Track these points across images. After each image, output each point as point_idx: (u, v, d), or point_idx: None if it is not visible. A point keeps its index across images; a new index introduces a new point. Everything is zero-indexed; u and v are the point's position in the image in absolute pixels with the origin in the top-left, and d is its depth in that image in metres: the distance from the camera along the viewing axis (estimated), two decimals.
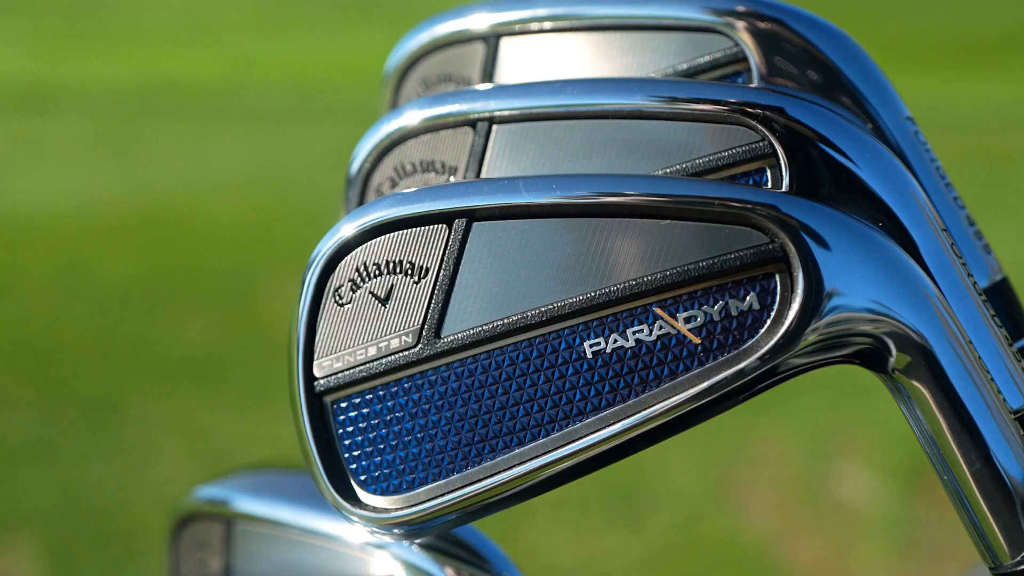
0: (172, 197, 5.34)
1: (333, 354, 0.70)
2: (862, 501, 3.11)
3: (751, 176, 0.68)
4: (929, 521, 3.04)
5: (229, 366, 3.82)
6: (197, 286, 4.42)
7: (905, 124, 0.74)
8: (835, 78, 0.74)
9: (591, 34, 0.78)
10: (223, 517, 0.85)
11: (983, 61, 7.95)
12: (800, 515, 3.08)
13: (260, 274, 4.46)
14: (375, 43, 8.46)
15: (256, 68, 7.86)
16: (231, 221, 5.05)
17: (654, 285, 0.65)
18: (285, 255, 4.65)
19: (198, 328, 4.06)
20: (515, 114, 0.72)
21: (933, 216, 0.68)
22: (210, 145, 6.13)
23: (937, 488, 2.70)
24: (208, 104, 6.95)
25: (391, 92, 0.85)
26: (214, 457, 3.31)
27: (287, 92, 7.20)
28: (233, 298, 4.29)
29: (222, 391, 3.66)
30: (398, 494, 0.69)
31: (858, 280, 0.63)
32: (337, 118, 6.55)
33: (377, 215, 0.68)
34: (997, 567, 0.65)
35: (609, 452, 0.66)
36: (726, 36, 0.75)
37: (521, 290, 0.66)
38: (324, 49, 8.35)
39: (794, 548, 2.97)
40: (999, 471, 0.64)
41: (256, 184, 5.52)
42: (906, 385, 0.64)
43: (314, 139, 6.17)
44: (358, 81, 7.31)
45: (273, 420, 3.48)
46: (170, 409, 3.56)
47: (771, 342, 0.63)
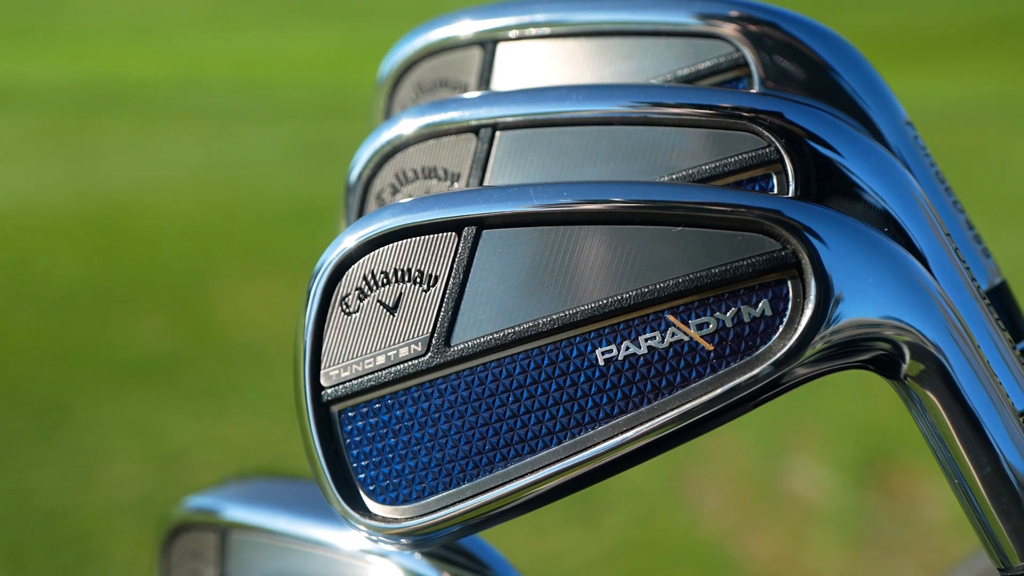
0: (120, 196, 5.29)
1: (340, 363, 0.69)
2: (815, 494, 3.13)
3: (757, 182, 0.69)
4: (881, 513, 3.07)
5: (181, 367, 3.78)
6: (147, 286, 4.38)
7: (905, 129, 0.74)
8: (835, 83, 0.74)
9: (589, 40, 0.78)
10: (218, 527, 0.84)
11: (926, 59, 8.03)
12: (754, 509, 3.10)
13: (211, 274, 4.42)
14: (322, 41, 8.44)
15: (203, 66, 7.80)
16: (181, 220, 5.01)
17: (666, 292, 0.65)
18: (236, 255, 4.62)
19: (149, 329, 4.02)
20: (520, 120, 0.71)
21: (936, 221, 0.68)
22: (158, 144, 6.07)
23: (889, 480, 2.73)
24: (155, 102, 6.88)
25: (385, 97, 0.85)
26: (167, 459, 3.28)
27: (235, 90, 7.15)
28: (184, 298, 4.25)
29: (174, 392, 3.63)
30: (408, 503, 0.68)
31: (870, 286, 0.63)
32: (286, 116, 6.52)
33: (386, 223, 0.68)
34: (1007, 568, 0.65)
35: (621, 459, 0.66)
36: (726, 42, 0.75)
37: (532, 298, 0.66)
38: (271, 47, 8.30)
39: (749, 542, 2.99)
40: (1009, 475, 0.64)
41: (206, 183, 5.47)
42: (917, 391, 0.65)
43: (264, 137, 6.13)
44: (306, 79, 7.28)
45: (226, 421, 3.46)
46: (121, 411, 3.53)
47: (784, 348, 0.63)
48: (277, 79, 7.40)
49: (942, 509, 3.05)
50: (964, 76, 7.45)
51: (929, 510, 3.06)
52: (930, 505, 3.07)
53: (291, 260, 4.62)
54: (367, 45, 8.24)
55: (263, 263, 4.57)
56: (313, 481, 0.89)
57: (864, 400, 3.43)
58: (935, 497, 3.09)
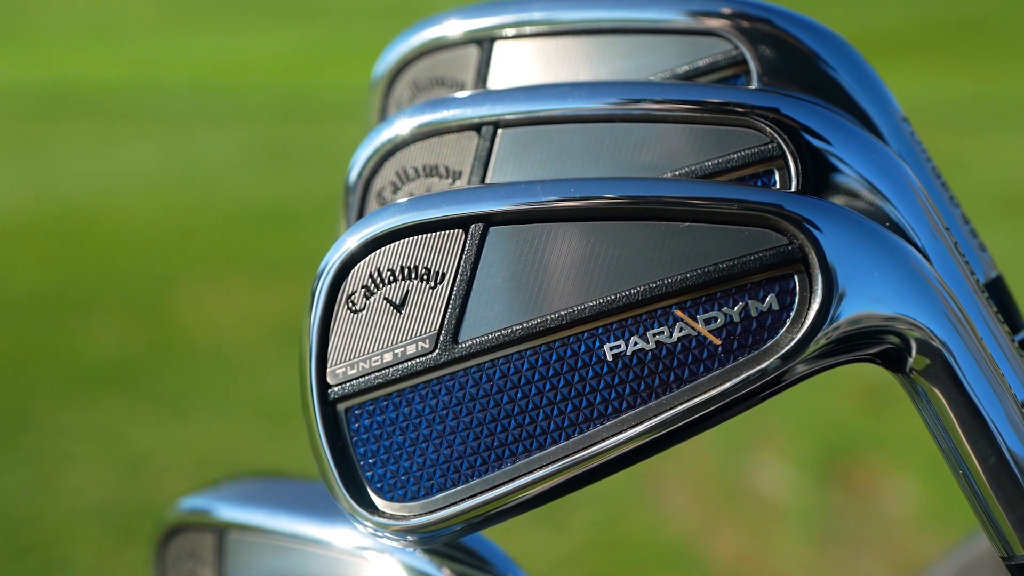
0: (80, 200, 5.25)
1: (347, 361, 0.69)
2: (779, 493, 3.15)
3: (759, 178, 0.69)
4: (844, 511, 3.09)
5: (143, 371, 3.76)
6: (109, 291, 4.35)
7: (901, 125, 0.75)
8: (832, 80, 0.75)
9: (587, 38, 0.78)
10: (215, 527, 0.84)
11: (881, 61, 8.08)
12: (719, 508, 3.11)
13: (173, 278, 4.39)
14: (280, 43, 8.40)
15: (161, 69, 7.75)
16: (142, 224, 4.97)
17: (674, 287, 0.65)
18: (198, 258, 4.59)
19: (111, 334, 3.99)
20: (522, 118, 0.72)
21: (936, 215, 0.69)
22: (117, 147, 6.03)
23: (851, 477, 2.75)
24: (113, 105, 6.83)
25: (380, 96, 0.85)
26: (130, 464, 3.25)
27: (194, 93, 7.10)
28: (146, 303, 4.23)
29: (137, 397, 3.61)
30: (416, 500, 0.68)
31: (876, 281, 0.64)
32: (246, 119, 6.48)
33: (392, 221, 0.68)
34: (1010, 558, 0.66)
35: (630, 454, 0.66)
36: (724, 39, 0.76)
37: (540, 294, 0.66)
38: (229, 49, 8.25)
39: (714, 541, 3.00)
40: (1012, 466, 0.65)
41: (166, 186, 5.44)
42: (923, 385, 0.65)
43: (223, 140, 6.10)
44: (265, 82, 7.25)
45: (190, 425, 3.44)
46: (84, 416, 3.50)
47: (792, 342, 0.64)
48: (236, 82, 7.36)
49: (904, 505, 3.08)
50: (918, 78, 7.51)
51: (891, 506, 3.09)
52: (892, 501, 3.10)
53: (253, 263, 4.60)
54: (324, 47, 8.22)
55: (225, 267, 4.55)
56: (310, 480, 0.89)
57: (826, 398, 3.46)
58: (896, 493, 3.12)
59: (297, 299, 4.25)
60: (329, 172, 5.70)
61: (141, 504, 3.07)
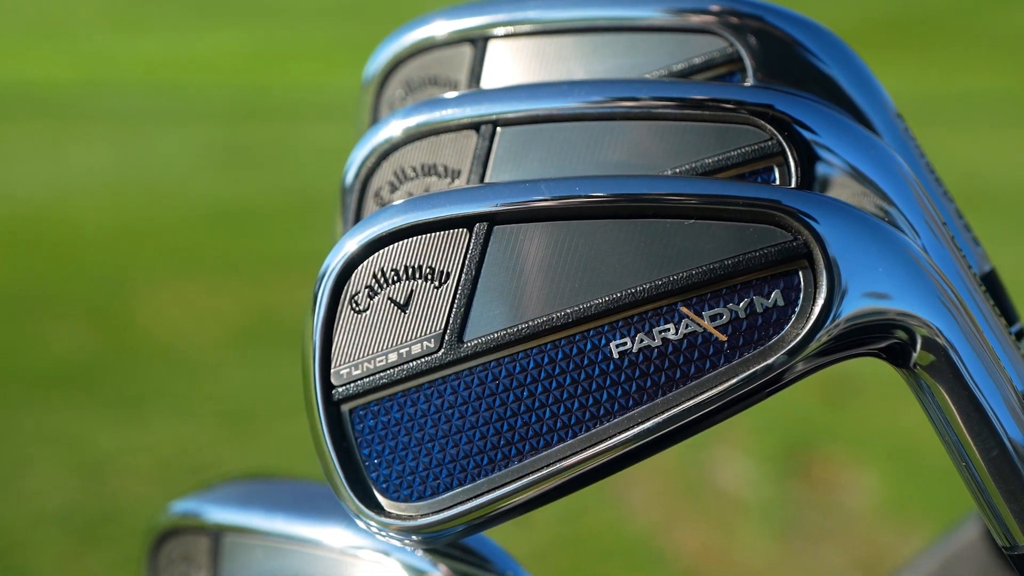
0: (34, 202, 5.19)
1: (351, 362, 0.69)
2: (740, 487, 3.17)
3: (759, 175, 0.70)
4: (805, 503, 3.11)
5: (101, 373, 3.73)
6: (65, 293, 4.30)
7: (895, 121, 0.76)
8: (826, 76, 0.75)
9: (581, 36, 0.79)
10: (210, 530, 0.83)
11: None
12: (682, 503, 3.13)
13: (130, 279, 4.36)
14: (233, 42, 8.35)
15: (114, 68, 7.67)
16: (97, 225, 4.93)
17: (679, 284, 0.65)
18: (155, 259, 4.56)
19: (68, 335, 3.95)
20: (521, 116, 0.72)
21: (933, 210, 0.70)
22: (71, 147, 5.97)
23: (811, 471, 2.77)
24: (65, 105, 6.76)
25: (372, 95, 0.84)
26: (90, 468, 3.23)
27: (147, 92, 7.05)
28: (103, 304, 4.19)
29: (96, 399, 3.58)
30: (422, 500, 0.68)
31: (880, 276, 0.64)
32: (200, 118, 6.44)
33: (397, 220, 0.67)
34: (1013, 548, 0.67)
35: (637, 451, 0.66)
36: (719, 36, 0.76)
37: (545, 292, 0.66)
38: (182, 48, 8.19)
39: (677, 536, 3.02)
40: (1014, 458, 0.66)
41: (121, 187, 5.39)
42: (926, 380, 0.66)
43: (178, 140, 6.05)
44: (219, 81, 7.20)
45: (149, 428, 3.41)
46: (42, 419, 3.47)
47: (797, 337, 0.64)
48: (190, 81, 7.31)
49: (863, 497, 3.10)
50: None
51: (850, 498, 3.11)
52: (851, 494, 3.13)
53: (211, 263, 4.57)
54: (280, 46, 8.18)
55: (182, 267, 4.52)
56: (302, 480, 0.88)
57: (785, 392, 3.48)
58: (856, 486, 3.15)
59: (256, 299, 4.23)
60: (287, 171, 5.68)
61: (102, 508, 3.05)
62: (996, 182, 5.28)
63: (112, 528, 2.96)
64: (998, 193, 4.99)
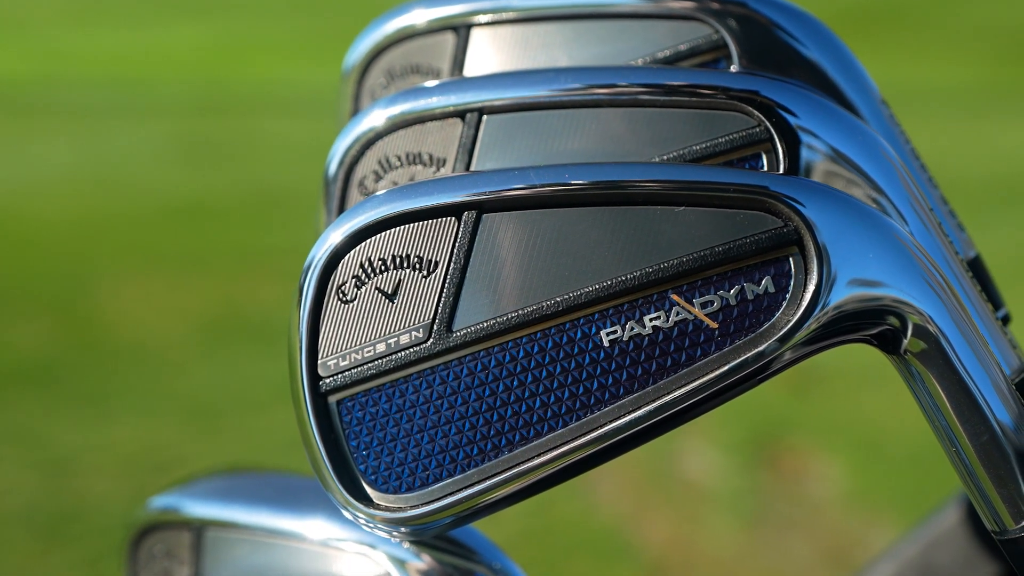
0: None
1: (338, 353, 0.68)
2: (708, 477, 3.18)
3: (747, 161, 0.69)
4: (772, 493, 3.13)
5: (64, 370, 3.69)
6: (25, 290, 4.26)
7: (880, 107, 0.76)
8: (811, 63, 0.75)
9: (565, 23, 0.78)
10: (192, 524, 0.82)
11: None
12: (649, 494, 3.13)
13: (92, 276, 4.32)
14: (191, 37, 8.30)
15: (71, 62, 7.60)
16: (57, 221, 4.88)
17: (670, 272, 0.65)
18: (117, 255, 4.52)
19: (29, 333, 3.91)
20: (508, 104, 0.71)
21: (921, 197, 0.70)
22: (29, 143, 5.91)
23: (777, 461, 2.77)
24: (23, 101, 6.69)
25: (353, 84, 0.83)
26: (53, 465, 3.20)
27: (106, 87, 6.98)
28: (64, 301, 4.15)
29: (58, 396, 3.54)
30: (411, 491, 0.68)
31: (870, 261, 0.64)
32: (160, 113, 6.39)
33: (384, 209, 0.67)
34: (1002, 533, 0.67)
35: (628, 439, 0.66)
36: (704, 23, 0.76)
37: (535, 281, 0.66)
38: (141, 42, 8.12)
39: (645, 527, 3.02)
40: (1004, 444, 0.66)
41: (81, 183, 5.34)
42: (916, 367, 0.66)
43: (138, 135, 6.00)
44: (178, 75, 7.15)
45: (112, 424, 3.38)
46: (4, 417, 3.43)
47: (789, 324, 0.64)
48: (150, 75, 7.25)
49: (830, 487, 3.12)
50: None
51: (817, 488, 3.13)
52: (818, 483, 3.14)
53: (173, 258, 4.54)
54: (240, 40, 8.12)
55: (145, 262, 4.49)
56: (283, 473, 0.88)
57: None
58: (823, 475, 3.16)
59: (220, 294, 4.20)
60: (249, 165, 5.64)
61: (66, 506, 3.02)
62: (961, 173, 5.31)
63: (77, 526, 2.94)
64: (963, 184, 5.03)
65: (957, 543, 1.01)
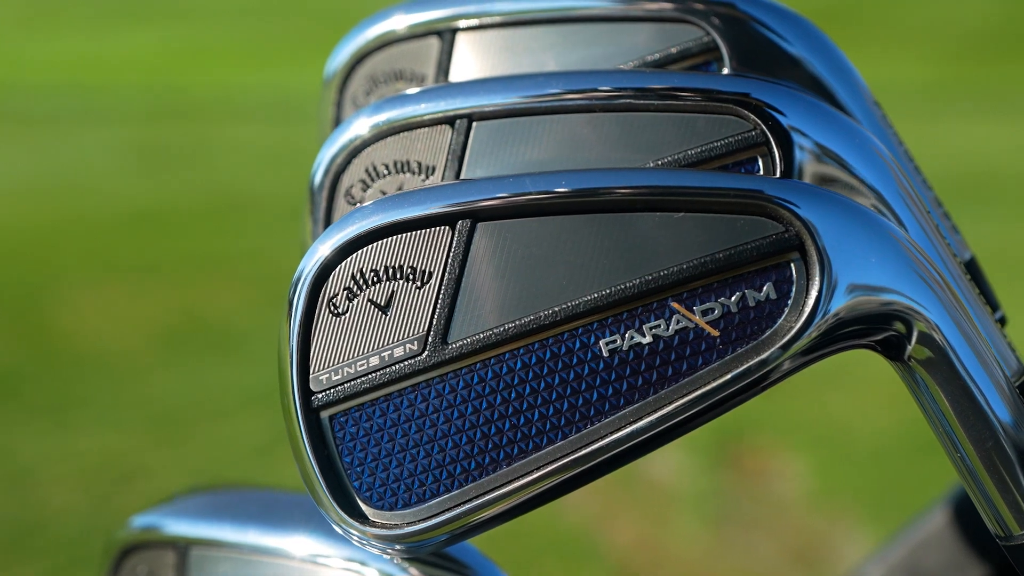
0: None
1: (331, 367, 0.66)
2: (673, 478, 3.18)
3: (743, 165, 0.68)
4: (737, 493, 3.13)
5: (22, 381, 3.65)
6: None
7: (872, 109, 0.75)
8: (803, 65, 0.74)
9: (552, 27, 0.77)
10: (177, 543, 0.80)
11: None
12: (616, 497, 3.13)
13: (49, 285, 4.27)
14: (145, 43, 8.23)
15: (25, 69, 7.52)
16: (13, 230, 4.83)
17: (670, 279, 0.64)
18: (74, 264, 4.47)
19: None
20: (498, 110, 0.70)
21: (917, 199, 0.69)
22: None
23: (741, 461, 2.78)
24: None
25: (335, 91, 0.82)
26: (13, 477, 3.16)
27: (61, 93, 6.91)
28: (22, 310, 4.10)
29: (17, 407, 3.50)
30: (407, 508, 0.66)
31: (872, 266, 0.63)
32: (115, 120, 6.33)
33: (375, 219, 0.65)
34: (1007, 538, 0.66)
35: (629, 451, 0.65)
36: (695, 25, 0.75)
37: (531, 291, 0.64)
38: (95, 49, 8.05)
39: (612, 529, 3.02)
40: (1008, 449, 0.65)
41: (36, 191, 5.29)
42: (920, 373, 0.65)
43: (94, 142, 5.94)
44: (133, 81, 7.09)
45: (73, 435, 3.34)
46: None
47: (791, 330, 0.63)
48: (104, 82, 7.19)
49: (793, 485, 3.13)
50: None
51: (781, 487, 3.14)
52: (781, 482, 3.15)
53: (131, 267, 4.49)
54: (196, 46, 8.07)
55: (103, 271, 4.44)
56: (265, 489, 0.86)
57: None
58: (786, 474, 3.17)
59: (179, 301, 4.16)
60: (206, 171, 5.60)
61: (28, 518, 2.98)
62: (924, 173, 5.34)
63: (38, 539, 2.90)
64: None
65: (945, 546, 1.00)
